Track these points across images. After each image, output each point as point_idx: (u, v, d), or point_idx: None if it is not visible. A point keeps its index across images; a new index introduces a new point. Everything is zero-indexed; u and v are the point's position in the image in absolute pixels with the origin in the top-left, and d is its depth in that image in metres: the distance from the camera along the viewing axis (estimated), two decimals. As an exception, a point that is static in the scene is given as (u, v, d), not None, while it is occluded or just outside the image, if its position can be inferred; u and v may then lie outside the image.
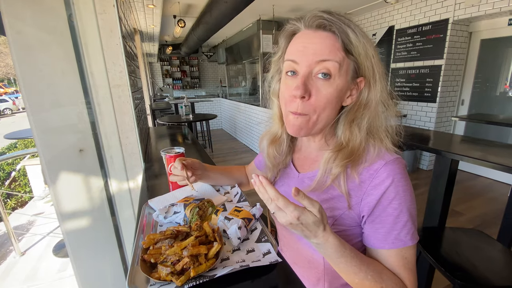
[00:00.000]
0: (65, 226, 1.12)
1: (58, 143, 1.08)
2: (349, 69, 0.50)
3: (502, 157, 1.29)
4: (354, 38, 0.48)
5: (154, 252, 0.50)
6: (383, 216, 0.51)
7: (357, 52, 0.49)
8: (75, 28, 1.03)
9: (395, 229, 0.50)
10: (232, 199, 0.82)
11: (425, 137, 1.83)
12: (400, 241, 0.50)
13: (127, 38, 1.44)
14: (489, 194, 3.05)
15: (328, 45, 0.48)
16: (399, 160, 0.52)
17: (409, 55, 3.75)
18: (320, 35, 0.49)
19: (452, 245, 1.19)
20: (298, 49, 0.50)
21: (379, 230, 0.51)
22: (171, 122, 3.72)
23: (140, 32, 4.52)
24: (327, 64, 0.48)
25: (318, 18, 0.49)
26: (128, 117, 1.19)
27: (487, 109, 3.49)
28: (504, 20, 3.04)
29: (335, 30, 0.48)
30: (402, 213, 0.50)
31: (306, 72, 0.50)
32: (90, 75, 1.09)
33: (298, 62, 0.50)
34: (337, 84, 0.50)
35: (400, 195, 0.50)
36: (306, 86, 0.49)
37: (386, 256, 0.51)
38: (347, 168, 0.53)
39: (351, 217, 0.54)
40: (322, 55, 0.48)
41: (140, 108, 1.73)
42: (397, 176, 0.50)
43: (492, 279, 0.99)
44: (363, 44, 0.49)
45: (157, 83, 8.22)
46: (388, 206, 0.50)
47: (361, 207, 0.52)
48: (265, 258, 0.53)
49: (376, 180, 0.51)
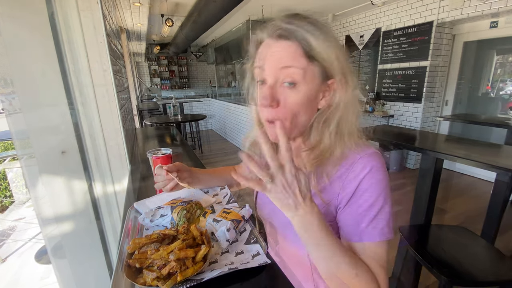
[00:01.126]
0: (47, 232, 1.08)
1: (39, 145, 1.04)
2: (315, 74, 0.51)
3: (485, 155, 1.33)
4: (316, 44, 0.49)
5: (139, 256, 0.49)
6: (353, 207, 0.51)
7: (320, 57, 0.50)
8: (57, 25, 1.00)
9: (364, 222, 0.50)
10: (221, 200, 0.81)
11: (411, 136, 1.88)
12: (368, 234, 0.50)
13: (112, 36, 1.41)
14: (472, 191, 3.16)
15: (290, 53, 0.49)
16: (376, 153, 0.53)
17: (396, 56, 3.84)
18: (281, 44, 0.50)
19: (438, 242, 1.22)
20: (265, 57, 0.52)
21: (348, 221, 0.52)
22: (159, 122, 3.66)
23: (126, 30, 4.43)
24: (291, 71, 0.49)
25: (277, 29, 0.50)
26: (113, 117, 1.16)
27: (470, 109, 3.61)
28: (486, 23, 3.15)
29: (295, 39, 0.49)
30: (372, 207, 0.50)
31: (273, 80, 0.51)
32: (73, 74, 1.06)
33: (265, 69, 0.52)
34: (304, 91, 0.50)
35: (373, 187, 0.50)
36: (273, 95, 0.51)
37: (358, 249, 0.51)
38: (318, 168, 0.54)
39: (330, 213, 0.55)
40: (286, 62, 0.50)
41: (126, 108, 1.70)
42: (373, 168, 0.50)
43: (476, 275, 1.02)
44: (326, 48, 0.49)
45: (145, 83, 8.09)
46: (360, 197, 0.50)
47: (339, 201, 0.53)
48: (254, 260, 0.52)
49: (352, 174, 0.51)
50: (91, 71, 1.09)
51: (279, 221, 0.64)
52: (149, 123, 3.64)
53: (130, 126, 1.77)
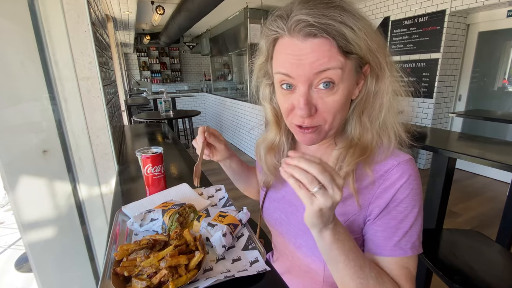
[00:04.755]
0: (28, 238, 1.08)
1: (18, 144, 1.04)
2: (352, 68, 0.48)
3: (501, 154, 1.34)
4: (354, 37, 0.44)
5: (128, 264, 0.49)
6: (385, 219, 0.50)
7: (358, 49, 0.46)
8: (37, 12, 0.99)
9: (397, 235, 0.49)
10: (216, 203, 0.81)
11: (421, 134, 1.88)
12: (400, 249, 0.49)
13: (98, 25, 1.40)
14: (487, 193, 3.18)
15: (324, 53, 0.44)
16: (412, 160, 0.52)
17: (405, 47, 3.85)
18: (312, 44, 0.44)
19: (449, 248, 1.22)
20: (290, 61, 0.46)
21: (378, 233, 0.51)
22: (149, 119, 3.65)
23: (113, 19, 4.40)
24: (328, 74, 0.45)
25: (305, 26, 0.44)
26: (99, 113, 1.16)
27: (485, 104, 3.63)
28: (502, 12, 3.16)
29: (328, 35, 0.44)
30: (407, 219, 0.49)
31: (306, 88, 0.47)
32: (55, 67, 1.05)
33: (293, 76, 0.47)
34: (342, 89, 0.47)
35: (409, 198, 0.49)
36: (310, 103, 0.47)
37: (386, 264, 0.51)
38: (358, 167, 0.52)
39: (358, 223, 0.53)
40: (321, 65, 0.45)
41: (114, 103, 1.69)
42: (411, 177, 0.50)
43: (491, 282, 1.02)
44: (363, 37, 0.45)
45: (134, 76, 8.06)
46: (394, 208, 0.50)
47: (369, 210, 0.52)
48: (252, 267, 0.52)
49: (387, 182, 0.50)
50: (74, 63, 1.08)
51: (290, 229, 0.63)
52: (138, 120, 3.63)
53: (118, 123, 1.76)
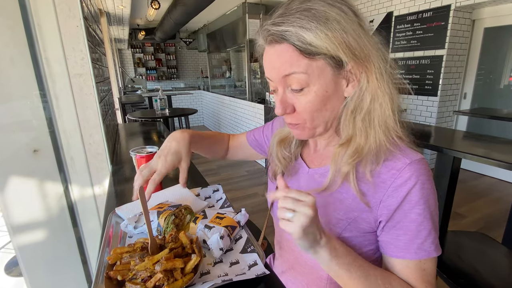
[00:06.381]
0: (18, 241, 1.08)
1: (7, 143, 1.03)
2: (323, 68, 0.49)
3: (507, 154, 1.34)
4: (313, 37, 0.46)
5: (121, 268, 0.49)
6: (405, 222, 0.51)
7: (323, 49, 0.47)
8: (27, 6, 0.99)
9: (419, 237, 0.50)
10: (214, 204, 0.81)
11: (426, 133, 1.89)
12: (424, 251, 0.50)
13: (91, 20, 1.40)
14: (493, 194, 3.19)
15: (285, 59, 0.50)
16: (425, 160, 0.52)
17: (409, 44, 3.85)
18: (276, 50, 0.51)
19: (454, 250, 1.23)
20: (267, 67, 0.54)
21: (400, 237, 0.51)
22: (144, 117, 3.64)
23: (107, 14, 4.39)
24: (295, 77, 0.50)
25: (268, 34, 0.50)
26: (91, 111, 1.16)
27: (490, 102, 3.64)
28: (509, 7, 3.16)
29: (286, 41, 0.49)
30: (426, 220, 0.50)
31: (282, 89, 0.54)
32: (46, 63, 1.05)
33: (272, 80, 0.55)
34: (315, 90, 0.51)
35: (424, 199, 0.50)
36: (286, 103, 0.54)
37: (403, 266, 0.51)
38: (358, 167, 0.53)
39: (367, 221, 0.54)
40: (284, 70, 0.51)
41: (107, 101, 1.68)
42: (422, 178, 0.50)
43: (497, 286, 1.03)
44: (327, 36, 0.46)
45: (128, 73, 8.04)
46: (411, 211, 0.50)
47: (380, 210, 0.52)
48: (251, 271, 0.52)
49: (399, 181, 0.50)
50: (66, 59, 1.07)
51: None
52: (133, 118, 3.62)
53: (112, 121, 1.76)
